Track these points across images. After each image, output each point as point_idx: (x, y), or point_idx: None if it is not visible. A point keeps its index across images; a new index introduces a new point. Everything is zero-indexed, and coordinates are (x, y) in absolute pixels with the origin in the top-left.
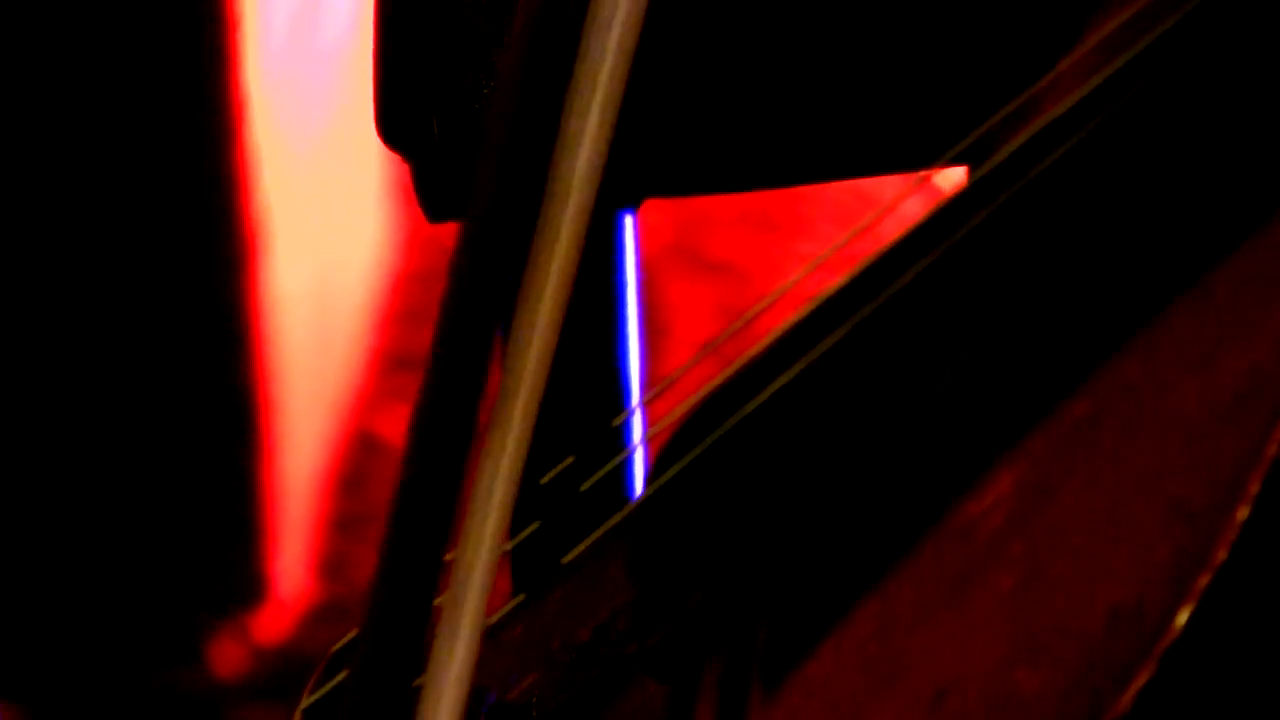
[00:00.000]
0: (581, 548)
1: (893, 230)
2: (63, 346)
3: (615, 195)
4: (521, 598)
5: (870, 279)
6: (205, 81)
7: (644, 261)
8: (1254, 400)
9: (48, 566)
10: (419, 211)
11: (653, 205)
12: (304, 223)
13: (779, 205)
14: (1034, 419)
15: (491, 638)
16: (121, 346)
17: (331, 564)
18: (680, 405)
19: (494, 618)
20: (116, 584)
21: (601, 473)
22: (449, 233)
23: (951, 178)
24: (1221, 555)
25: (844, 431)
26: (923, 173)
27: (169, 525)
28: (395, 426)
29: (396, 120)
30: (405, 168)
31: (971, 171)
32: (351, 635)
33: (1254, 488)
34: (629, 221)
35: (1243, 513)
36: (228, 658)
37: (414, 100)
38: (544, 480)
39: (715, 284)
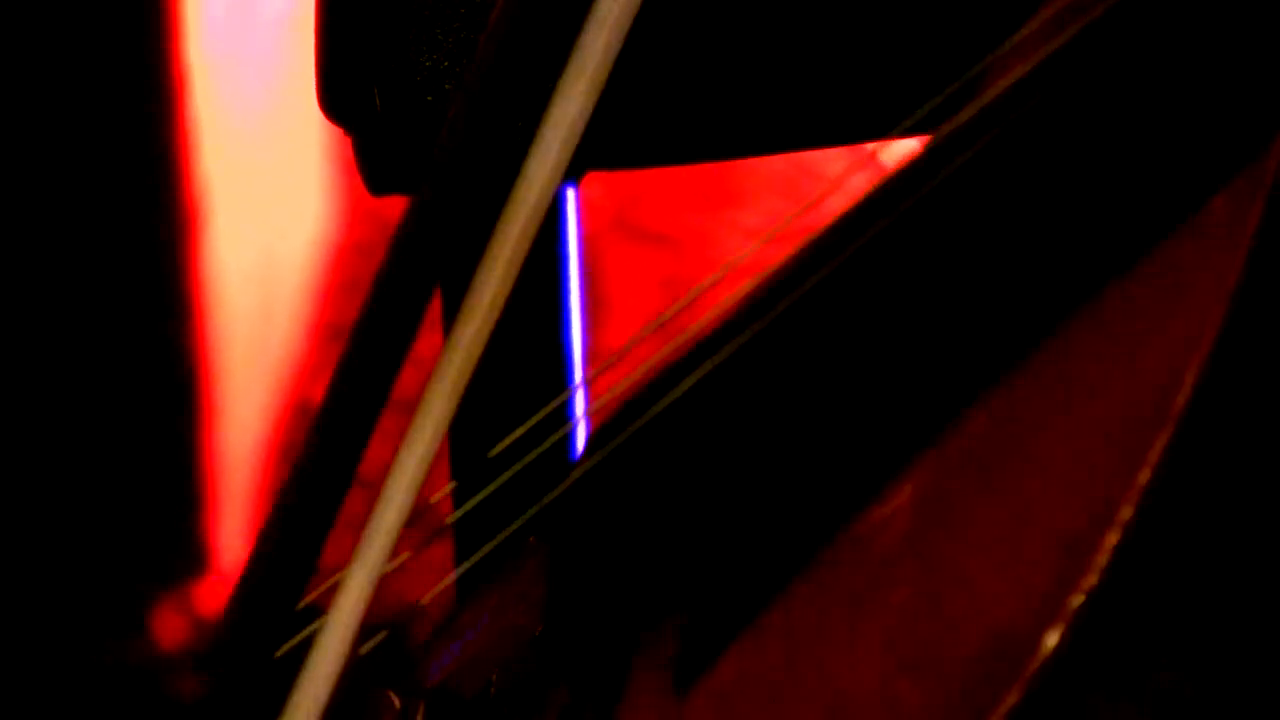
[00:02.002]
0: (510, 531)
1: (837, 203)
2: (4, 322)
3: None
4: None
5: (804, 261)
6: (146, 53)
7: (585, 234)
8: (1134, 425)
9: None
10: (360, 183)
11: (594, 178)
12: (245, 194)
13: (720, 177)
14: (935, 430)
15: (438, 630)
16: (62, 319)
17: None
18: (621, 382)
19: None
20: (58, 556)
21: (541, 449)
22: (390, 205)
23: (893, 149)
24: (1091, 580)
25: (758, 429)
26: (864, 145)
27: (110, 497)
28: None
29: (337, 93)
30: (346, 140)
31: (918, 145)
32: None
33: (1125, 514)
34: (570, 194)
35: (1113, 538)
36: (170, 628)
37: (355, 73)
38: (491, 454)
39: (656, 256)
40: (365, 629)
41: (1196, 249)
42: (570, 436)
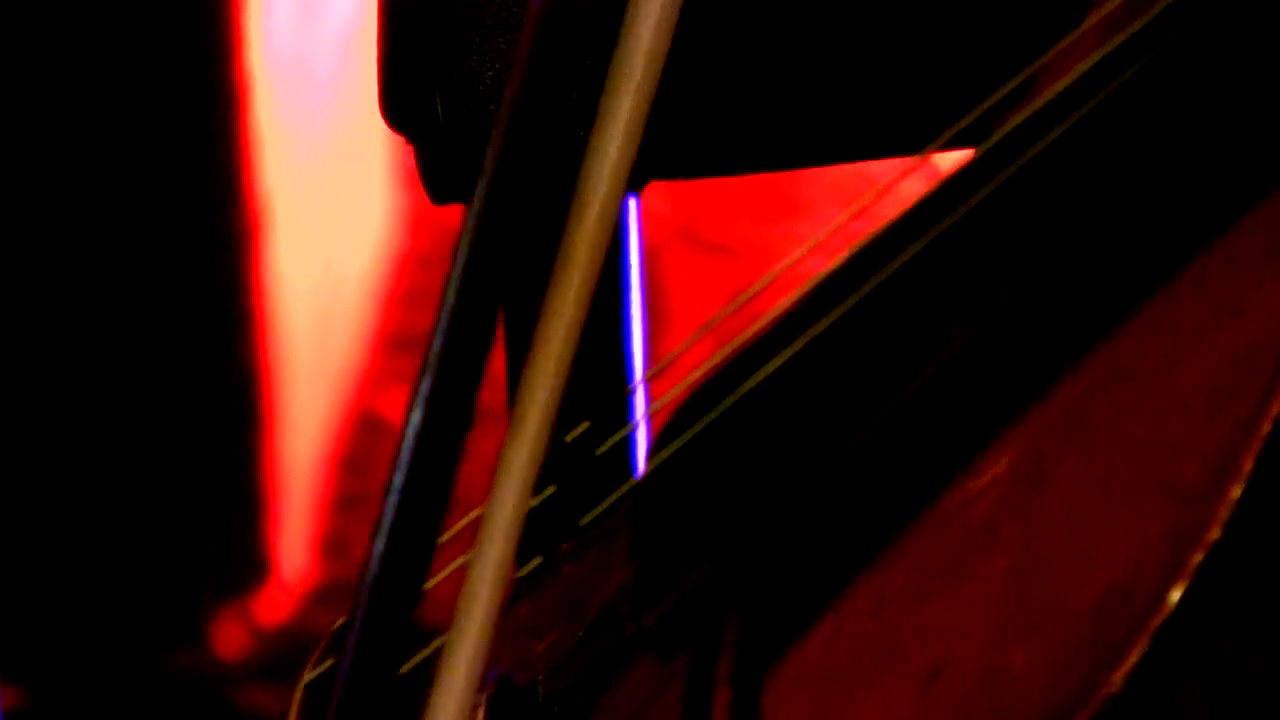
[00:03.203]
0: (587, 521)
1: (892, 211)
2: (69, 331)
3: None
4: (535, 564)
5: (868, 259)
6: (211, 64)
7: (646, 244)
8: (1247, 379)
9: (51, 547)
10: (422, 193)
11: (656, 187)
12: (308, 205)
13: (781, 187)
14: (1030, 399)
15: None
16: (126, 330)
17: (333, 544)
18: (681, 384)
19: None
20: (120, 565)
21: (605, 447)
22: (452, 215)
23: (952, 160)
24: (1215, 534)
25: (843, 411)
26: (924, 155)
27: (173, 507)
28: (397, 407)
29: (400, 101)
30: (409, 149)
31: (973, 154)
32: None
33: (1247, 466)
34: (632, 204)
35: (1236, 491)
36: (230, 638)
37: (418, 81)
38: (562, 444)
39: (717, 266)
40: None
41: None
42: (631, 439)
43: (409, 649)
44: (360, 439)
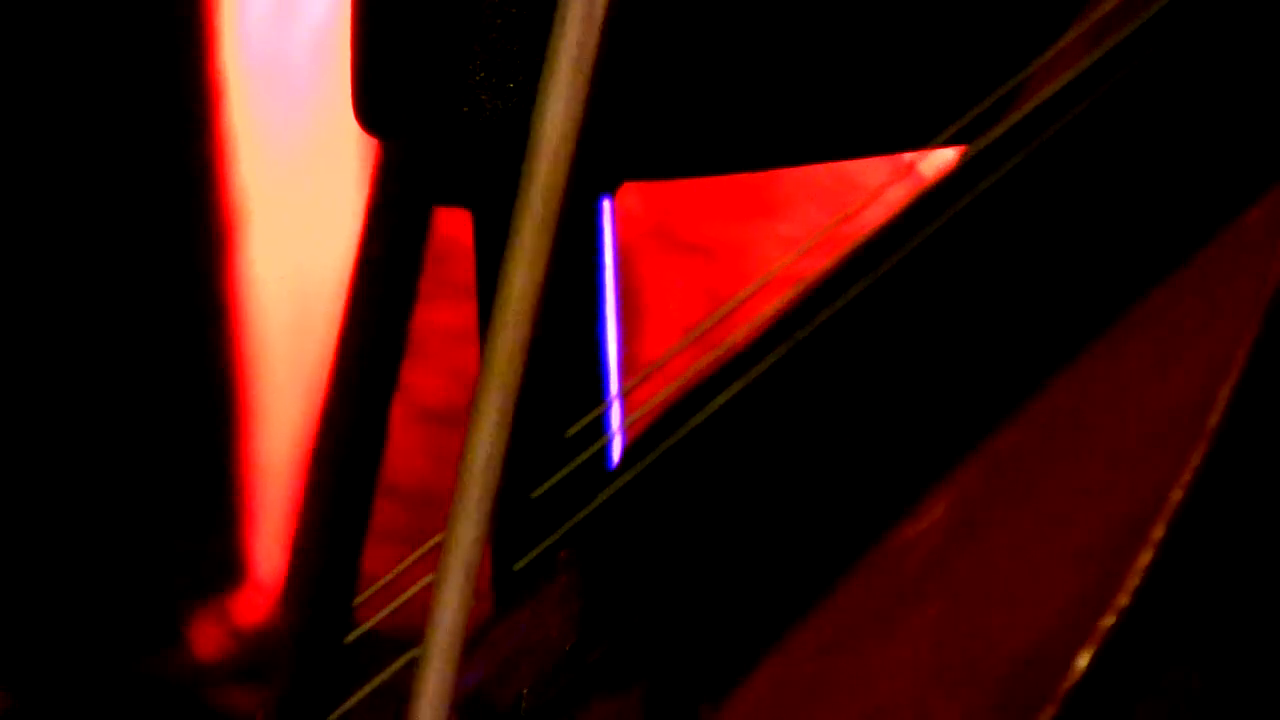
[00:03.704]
0: (549, 543)
1: (875, 214)
2: (43, 332)
3: (594, 179)
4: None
5: (807, 304)
6: (185, 64)
7: (621, 245)
8: (1164, 443)
9: (26, 549)
10: None
11: (630, 188)
12: (283, 205)
13: (756, 187)
14: (968, 445)
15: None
16: (101, 330)
17: None
18: (659, 394)
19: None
20: (96, 568)
21: (578, 461)
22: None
23: (933, 160)
24: (1124, 600)
25: (793, 442)
26: (903, 155)
27: (148, 509)
28: None
29: (373, 103)
30: (383, 149)
31: (959, 154)
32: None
33: (1158, 533)
34: (606, 205)
35: (1146, 558)
36: (207, 639)
37: (391, 84)
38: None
39: (693, 266)
40: (400, 644)
41: (1235, 256)
42: (607, 449)
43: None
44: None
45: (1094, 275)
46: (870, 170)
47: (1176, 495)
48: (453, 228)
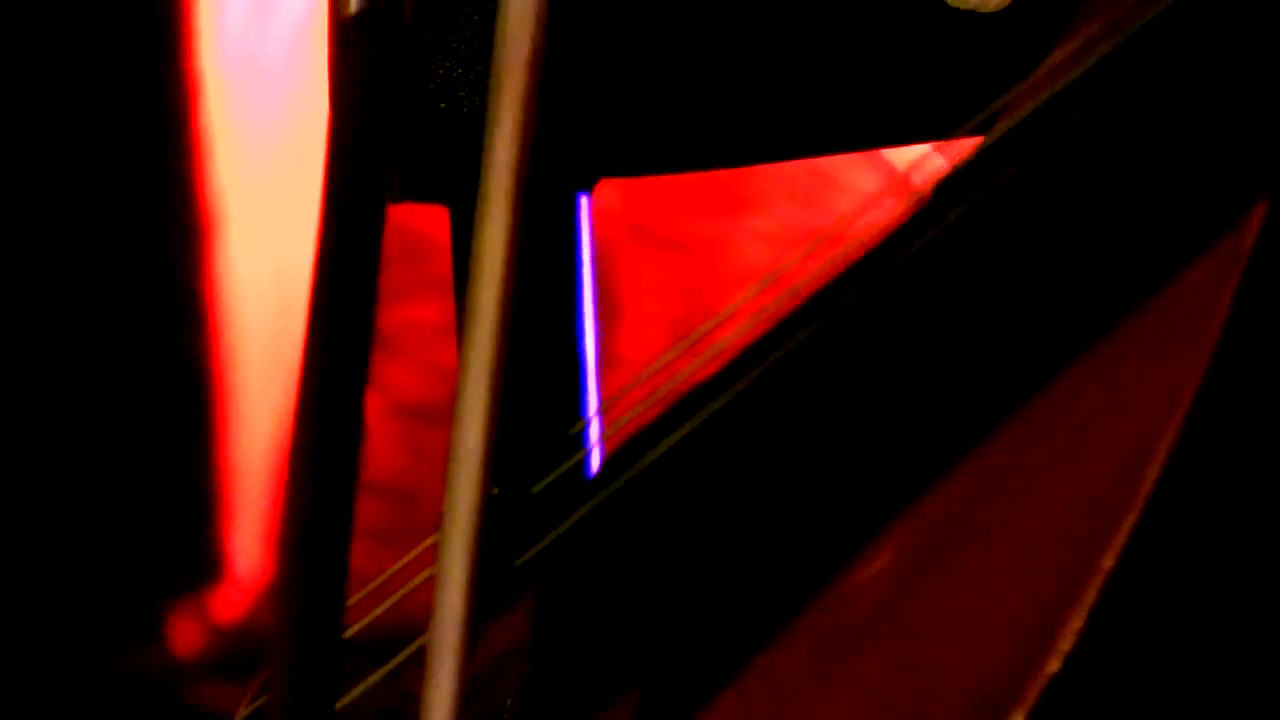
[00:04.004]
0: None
1: (850, 208)
2: (17, 331)
3: (570, 176)
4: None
5: (767, 338)
6: (162, 62)
7: (598, 241)
8: (1102, 504)
9: (3, 548)
10: None
11: (607, 185)
12: (261, 203)
13: (734, 183)
14: (916, 493)
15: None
16: (79, 328)
17: None
18: (637, 405)
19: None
20: (73, 564)
21: (553, 475)
22: (404, 212)
23: (906, 154)
24: (1054, 666)
25: (744, 486)
26: (878, 150)
27: (127, 504)
28: None
29: None
30: None
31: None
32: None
33: (1089, 597)
34: (583, 202)
35: (1076, 623)
36: (185, 636)
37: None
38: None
39: (669, 261)
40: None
41: (1171, 323)
42: (585, 460)
43: (337, 663)
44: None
45: (1039, 332)
46: (845, 166)
47: (1108, 561)
48: (429, 224)
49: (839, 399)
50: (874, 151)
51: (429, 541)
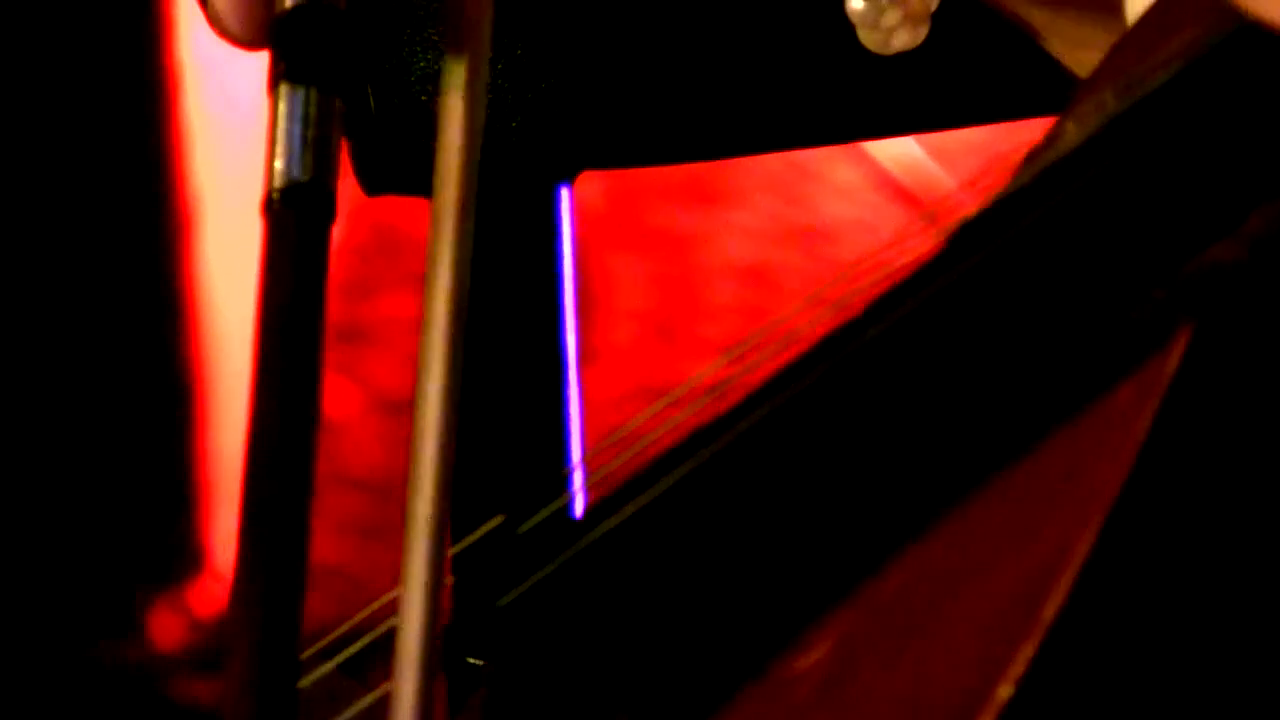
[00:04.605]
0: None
1: (829, 202)
2: None
3: (551, 168)
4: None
5: (718, 423)
6: (140, 57)
7: (578, 233)
8: (1014, 617)
9: None
10: (355, 184)
11: (586, 177)
12: (240, 197)
13: (713, 176)
14: (855, 583)
15: None
16: (57, 322)
17: None
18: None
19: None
20: (53, 556)
21: (539, 517)
22: (386, 205)
23: (886, 149)
24: None
25: (687, 567)
26: (856, 143)
27: (105, 498)
28: (331, 398)
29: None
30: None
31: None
32: None
33: (1004, 693)
34: (564, 194)
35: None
36: (164, 629)
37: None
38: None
39: (650, 255)
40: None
41: (1097, 436)
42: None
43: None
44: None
45: (964, 435)
46: (825, 159)
47: (1018, 670)
48: (408, 218)
49: (777, 488)
50: (854, 144)
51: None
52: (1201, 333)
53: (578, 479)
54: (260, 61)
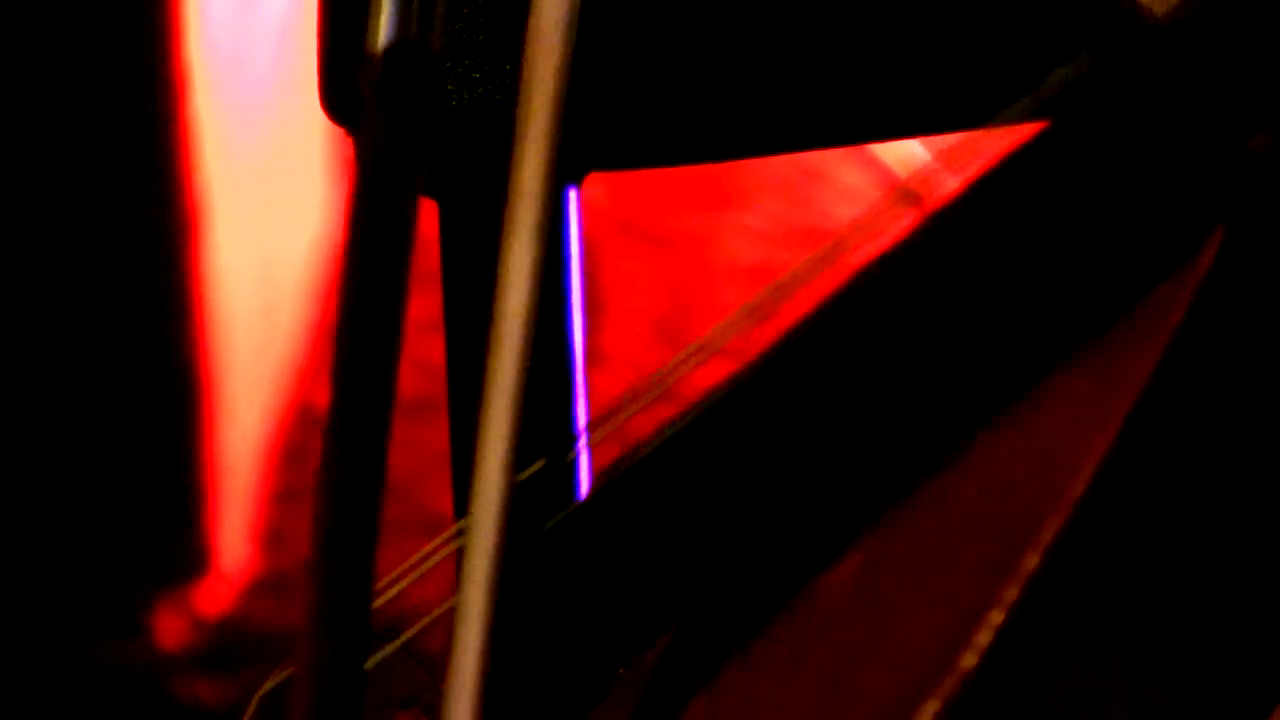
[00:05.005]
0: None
1: (834, 203)
2: (3, 323)
3: (560, 170)
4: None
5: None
6: (149, 57)
7: (584, 236)
8: (963, 623)
9: None
10: None
11: (594, 179)
12: (247, 197)
13: (720, 179)
14: (883, 510)
15: None
16: (64, 321)
17: (273, 536)
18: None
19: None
20: (58, 557)
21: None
22: None
23: (894, 150)
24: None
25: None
26: (865, 146)
27: (112, 498)
28: None
29: (340, 93)
30: (348, 140)
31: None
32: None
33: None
34: (572, 196)
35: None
36: (170, 630)
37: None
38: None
39: (656, 257)
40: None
41: (1065, 432)
42: (574, 467)
43: (368, 641)
44: (300, 430)
45: (948, 399)
46: (833, 161)
47: (971, 660)
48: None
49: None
50: (862, 146)
51: (446, 535)
52: (1234, 228)
53: (583, 481)
54: (270, 60)
